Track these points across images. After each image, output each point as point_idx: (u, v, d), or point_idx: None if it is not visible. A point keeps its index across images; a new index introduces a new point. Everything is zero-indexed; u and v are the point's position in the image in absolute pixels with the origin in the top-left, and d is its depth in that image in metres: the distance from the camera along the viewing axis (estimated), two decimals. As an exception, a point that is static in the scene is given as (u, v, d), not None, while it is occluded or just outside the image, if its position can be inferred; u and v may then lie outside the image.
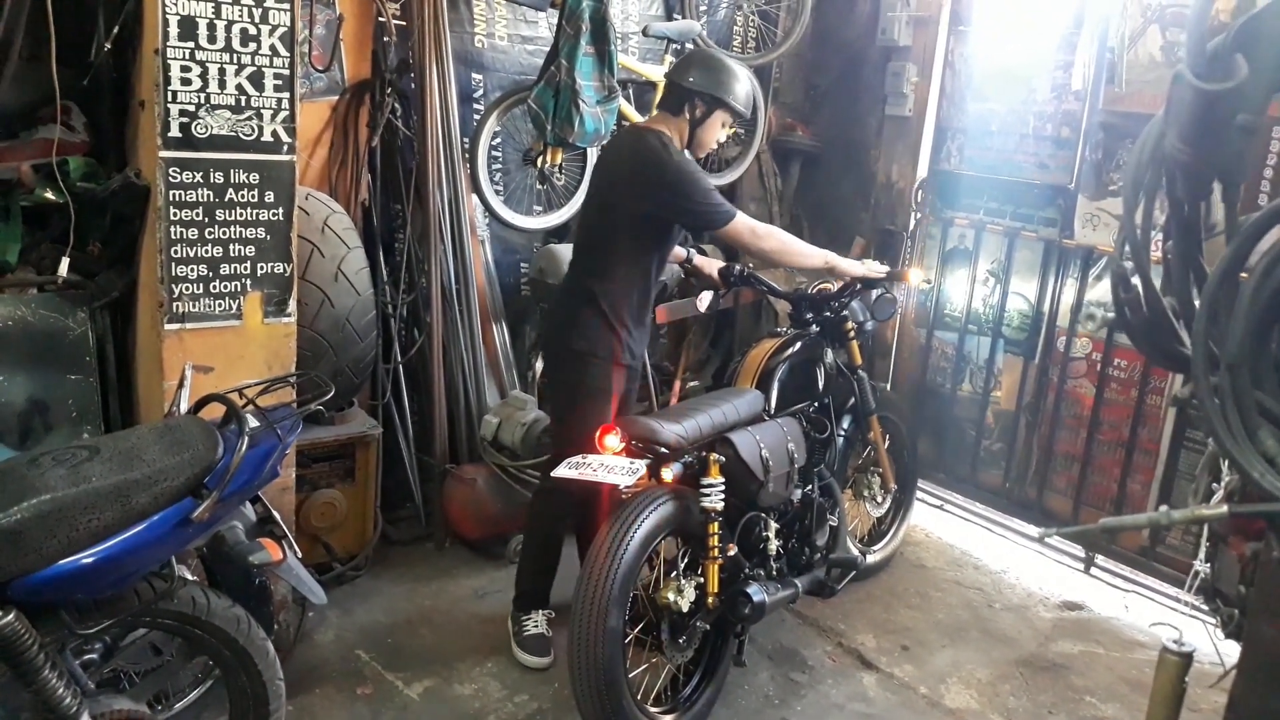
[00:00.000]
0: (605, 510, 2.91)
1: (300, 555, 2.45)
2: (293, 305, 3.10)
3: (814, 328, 3.65)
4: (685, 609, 2.84)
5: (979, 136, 4.70)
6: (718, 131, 3.30)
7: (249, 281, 3.01)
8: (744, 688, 3.25)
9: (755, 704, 3.18)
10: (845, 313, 3.68)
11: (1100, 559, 4.23)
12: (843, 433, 3.69)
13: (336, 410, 3.61)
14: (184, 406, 2.70)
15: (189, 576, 2.23)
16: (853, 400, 3.74)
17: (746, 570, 3.06)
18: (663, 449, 2.80)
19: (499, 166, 4.32)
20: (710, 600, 2.89)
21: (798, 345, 3.55)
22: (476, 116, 4.18)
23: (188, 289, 2.92)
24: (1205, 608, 1.73)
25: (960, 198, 4.75)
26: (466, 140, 4.10)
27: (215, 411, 2.27)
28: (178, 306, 2.90)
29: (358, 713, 2.97)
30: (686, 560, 2.97)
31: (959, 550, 4.43)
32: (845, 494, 3.79)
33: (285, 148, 3.00)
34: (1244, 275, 0.99)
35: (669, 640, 2.88)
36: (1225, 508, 0.98)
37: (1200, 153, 1.10)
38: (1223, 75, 1.04)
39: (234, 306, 3.00)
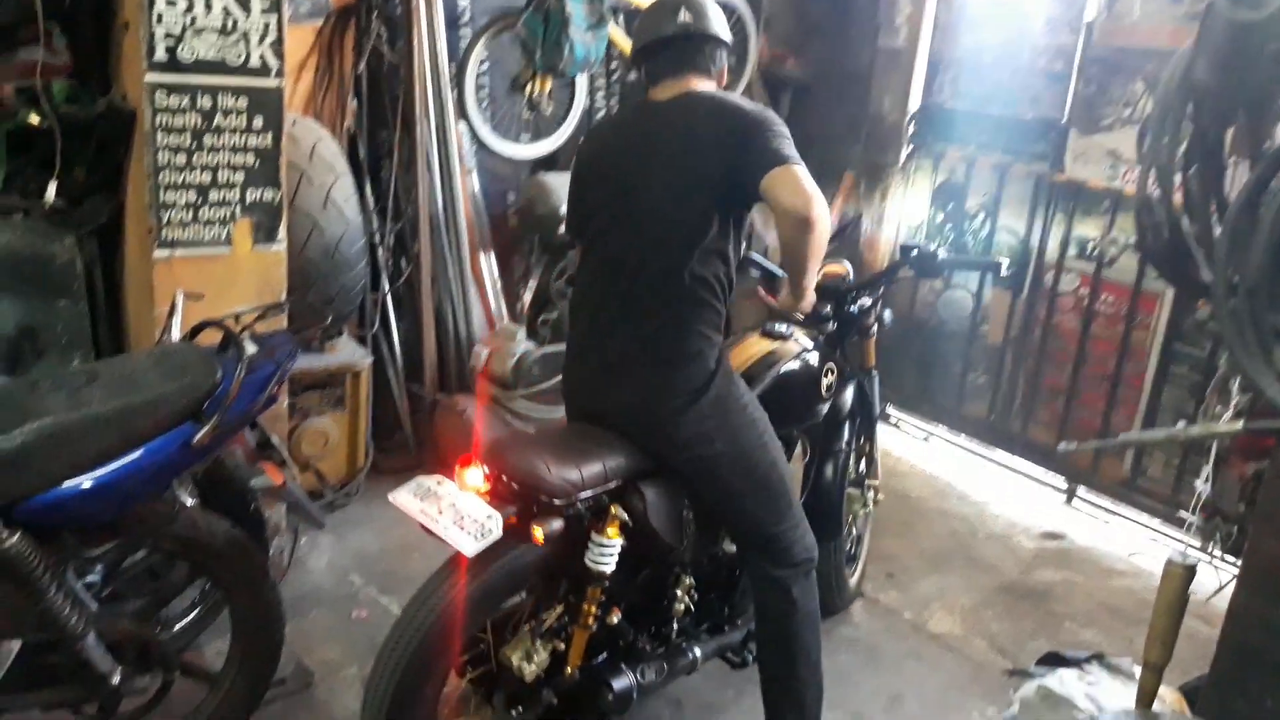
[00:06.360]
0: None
1: (298, 480, 2.46)
2: (282, 232, 3.07)
3: (831, 324, 2.91)
4: (529, 678, 2.19)
5: (972, 69, 4.67)
6: None
7: (238, 208, 2.97)
8: (733, 613, 3.31)
9: (744, 629, 3.24)
10: (875, 305, 3.01)
11: (1081, 490, 4.31)
12: (844, 447, 3.03)
13: (326, 339, 3.60)
14: (175, 333, 2.68)
15: (188, 501, 2.24)
16: (850, 406, 3.08)
17: (627, 640, 2.42)
18: (542, 497, 2.08)
19: (486, 94, 4.26)
20: (569, 671, 2.27)
21: (799, 357, 2.73)
22: (464, 42, 4.11)
23: (176, 215, 2.89)
24: (1204, 525, 1.80)
25: (952, 131, 4.73)
26: (454, 66, 4.03)
27: (210, 338, 2.27)
28: (167, 233, 2.88)
29: (355, 635, 3.01)
30: (551, 617, 2.27)
31: (943, 481, 4.50)
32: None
33: (273, 72, 2.94)
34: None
35: (501, 706, 2.29)
36: (1240, 423, 1.02)
37: (1229, 82, 1.11)
38: (1254, 5, 1.05)
39: (223, 233, 2.97)
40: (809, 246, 2.16)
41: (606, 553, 2.18)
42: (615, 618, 2.34)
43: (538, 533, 2.05)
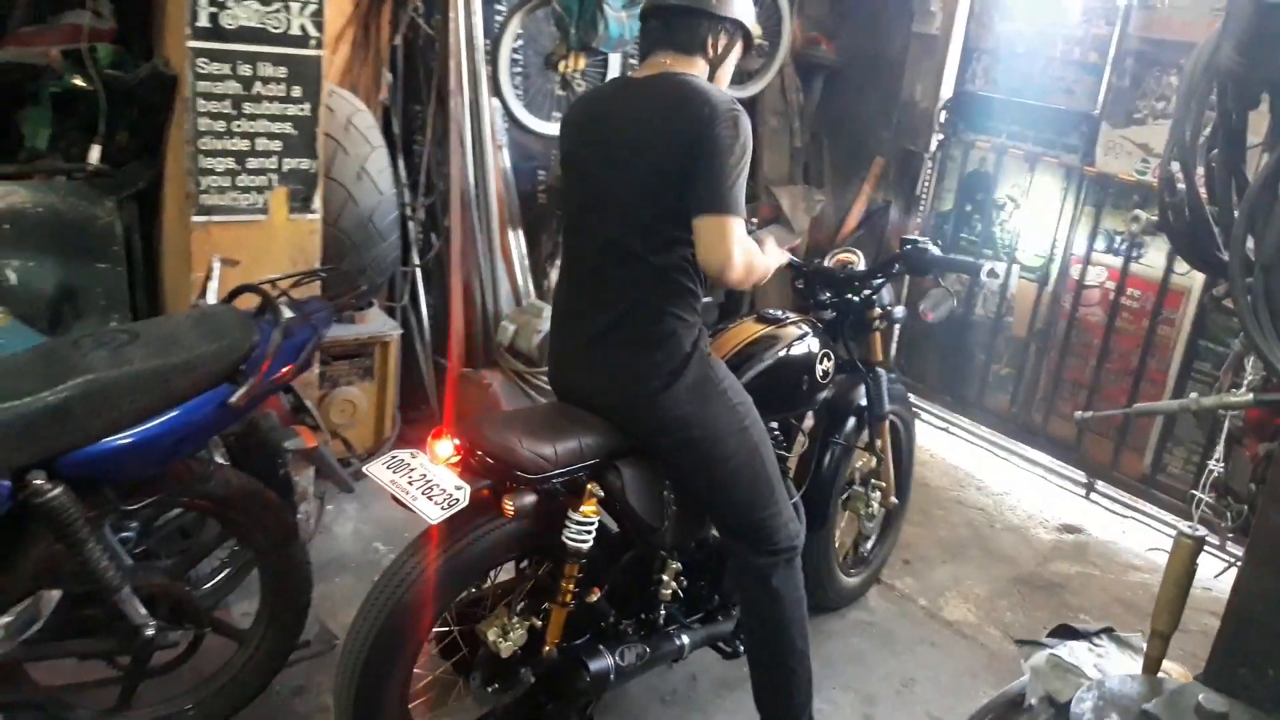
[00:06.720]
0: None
1: (330, 445, 2.51)
2: (318, 202, 3.12)
3: (829, 312, 2.89)
4: (506, 655, 2.20)
5: (1006, 58, 4.65)
6: (730, 73, 2.41)
7: (275, 176, 3.02)
8: (749, 592, 3.34)
9: (760, 608, 3.27)
10: (875, 296, 2.93)
11: (1100, 485, 4.31)
12: (843, 441, 3.00)
13: (357, 310, 3.65)
14: (211, 298, 2.74)
15: (222, 462, 2.29)
16: (854, 400, 3.03)
17: (608, 621, 2.40)
18: (517, 472, 2.08)
19: (520, 70, 4.28)
20: (546, 650, 2.26)
21: (795, 342, 2.68)
22: (499, 18, 4.12)
23: (215, 182, 2.93)
24: (1215, 504, 1.84)
25: (983, 120, 4.72)
26: (489, 42, 4.05)
27: (248, 303, 2.32)
28: (205, 199, 2.92)
29: (377, 601, 3.06)
30: (529, 590, 2.30)
31: (963, 471, 4.51)
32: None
33: (313, 42, 2.98)
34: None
35: (478, 684, 2.26)
36: (1250, 395, 1.05)
37: (1254, 64, 1.14)
38: (1281, -12, 1.08)
39: (260, 201, 3.01)
40: (728, 285, 2.21)
41: (583, 530, 2.16)
42: (594, 597, 2.32)
43: (508, 506, 2.06)
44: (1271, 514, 1.07)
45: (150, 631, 2.12)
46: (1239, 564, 1.21)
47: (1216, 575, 3.13)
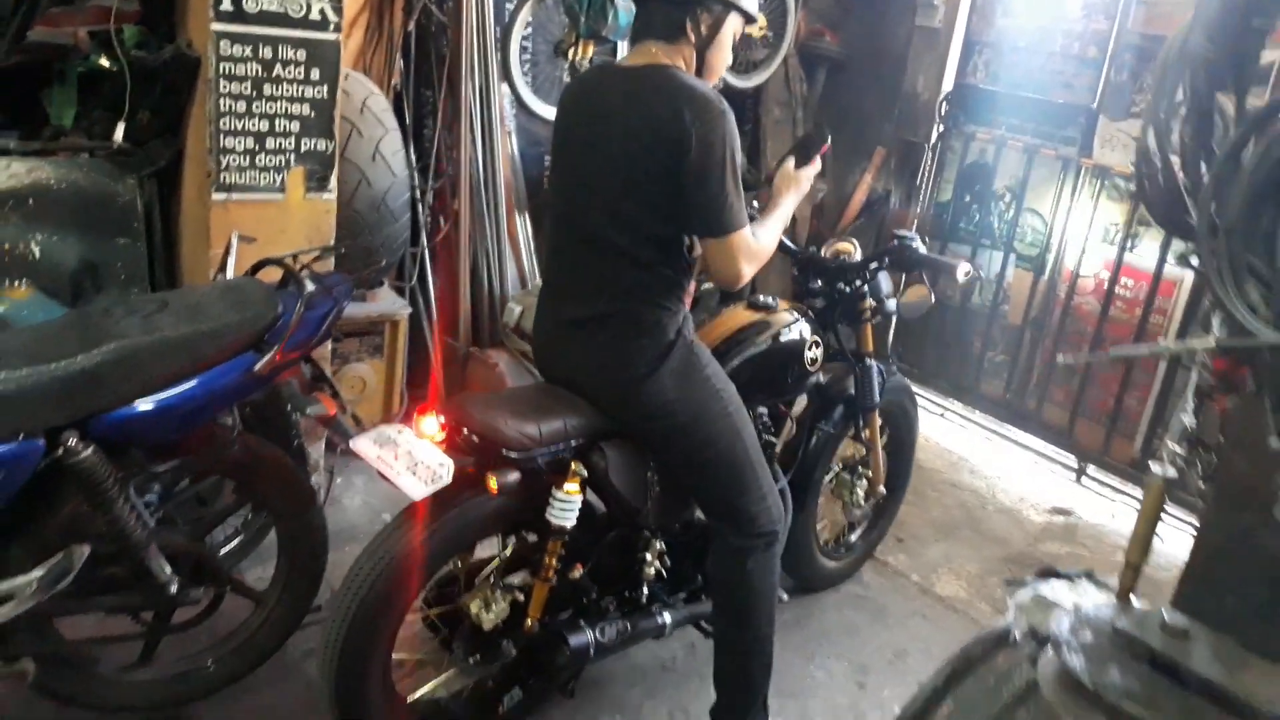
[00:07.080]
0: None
1: (347, 413, 2.60)
2: (333, 182, 3.19)
3: (819, 300, 2.95)
4: (488, 628, 2.29)
5: (1006, 52, 4.74)
6: (729, 50, 2.31)
7: (293, 156, 3.09)
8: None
9: (757, 582, 3.37)
10: (866, 288, 2.97)
11: (1091, 469, 4.41)
12: (830, 429, 3.06)
13: (368, 288, 3.73)
14: (230, 273, 2.83)
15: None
16: (843, 389, 3.07)
17: (590, 598, 2.47)
18: (502, 450, 2.13)
19: (529, 57, 4.36)
20: (528, 623, 2.33)
21: (784, 329, 2.73)
22: (510, 5, 4.20)
23: (234, 160, 3.01)
24: (1187, 455, 1.95)
25: (983, 112, 4.81)
26: (499, 29, 4.13)
27: (270, 276, 2.41)
28: (225, 177, 3.00)
29: (387, 569, 3.16)
30: (509, 562, 2.38)
31: (956, 455, 4.61)
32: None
33: (332, 26, 3.05)
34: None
35: (459, 654, 2.36)
36: (1211, 340, 1.17)
37: (1219, 51, 1.25)
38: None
39: (278, 180, 3.09)
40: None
41: (566, 508, 2.21)
42: (577, 573, 2.37)
43: (492, 482, 2.09)
44: (1234, 459, 1.18)
45: (174, 588, 2.22)
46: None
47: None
